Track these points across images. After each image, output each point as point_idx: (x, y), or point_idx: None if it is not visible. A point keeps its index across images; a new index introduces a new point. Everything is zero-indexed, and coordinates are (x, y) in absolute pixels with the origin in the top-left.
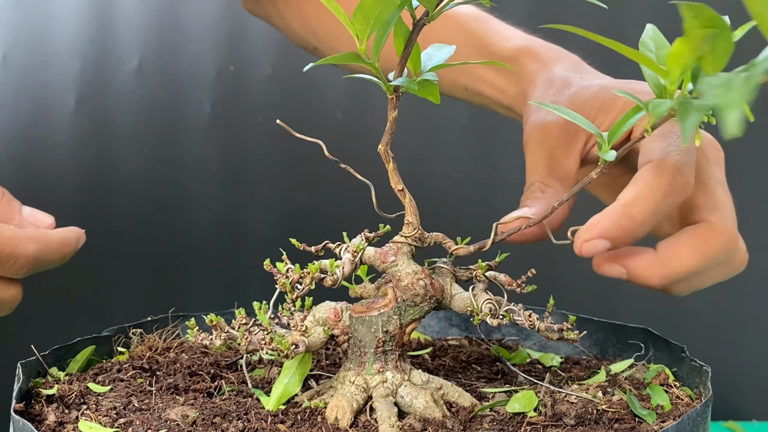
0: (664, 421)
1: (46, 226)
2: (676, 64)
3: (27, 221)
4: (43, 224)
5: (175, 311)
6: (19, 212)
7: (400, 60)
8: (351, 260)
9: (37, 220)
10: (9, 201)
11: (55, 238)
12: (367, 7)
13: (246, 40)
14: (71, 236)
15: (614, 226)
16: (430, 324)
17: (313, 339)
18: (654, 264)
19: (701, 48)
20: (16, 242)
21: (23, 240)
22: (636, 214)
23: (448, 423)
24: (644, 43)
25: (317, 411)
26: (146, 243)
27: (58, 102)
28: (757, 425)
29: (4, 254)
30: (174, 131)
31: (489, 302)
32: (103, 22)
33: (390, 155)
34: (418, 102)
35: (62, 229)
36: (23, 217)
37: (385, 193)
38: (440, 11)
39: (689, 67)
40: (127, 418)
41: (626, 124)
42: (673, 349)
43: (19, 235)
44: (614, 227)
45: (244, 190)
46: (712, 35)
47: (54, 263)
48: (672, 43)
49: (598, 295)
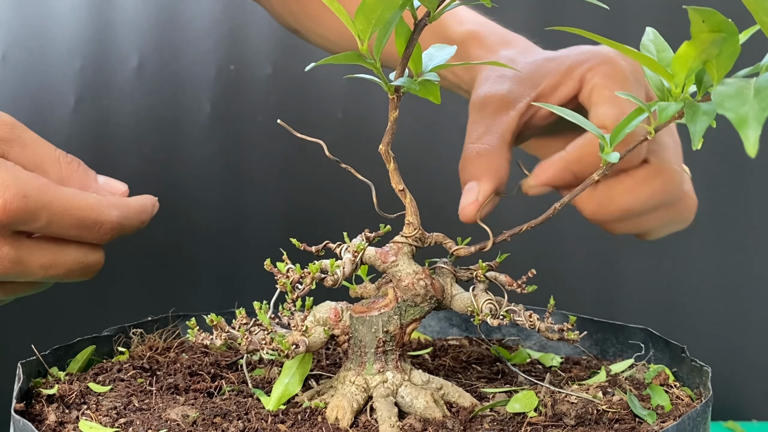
0: (664, 421)
1: (121, 192)
2: (682, 67)
3: (103, 189)
4: (118, 191)
5: (175, 311)
6: (95, 180)
7: (401, 60)
8: (351, 260)
9: (112, 188)
10: (85, 170)
11: (134, 204)
12: (369, 7)
13: (246, 40)
14: (147, 202)
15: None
16: (430, 324)
17: (313, 339)
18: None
19: (708, 52)
20: (100, 209)
21: (106, 207)
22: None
23: (448, 423)
24: (645, 46)
25: (317, 411)
26: (146, 243)
27: (58, 102)
28: (757, 425)
29: (90, 220)
30: (174, 131)
31: (489, 302)
32: (103, 22)
33: (391, 155)
34: (418, 102)
35: (139, 197)
36: (99, 185)
37: (385, 193)
38: (441, 11)
39: (694, 70)
40: (128, 417)
41: (629, 126)
42: (673, 349)
43: (102, 202)
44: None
45: (244, 190)
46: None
47: (134, 229)
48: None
49: (598, 295)
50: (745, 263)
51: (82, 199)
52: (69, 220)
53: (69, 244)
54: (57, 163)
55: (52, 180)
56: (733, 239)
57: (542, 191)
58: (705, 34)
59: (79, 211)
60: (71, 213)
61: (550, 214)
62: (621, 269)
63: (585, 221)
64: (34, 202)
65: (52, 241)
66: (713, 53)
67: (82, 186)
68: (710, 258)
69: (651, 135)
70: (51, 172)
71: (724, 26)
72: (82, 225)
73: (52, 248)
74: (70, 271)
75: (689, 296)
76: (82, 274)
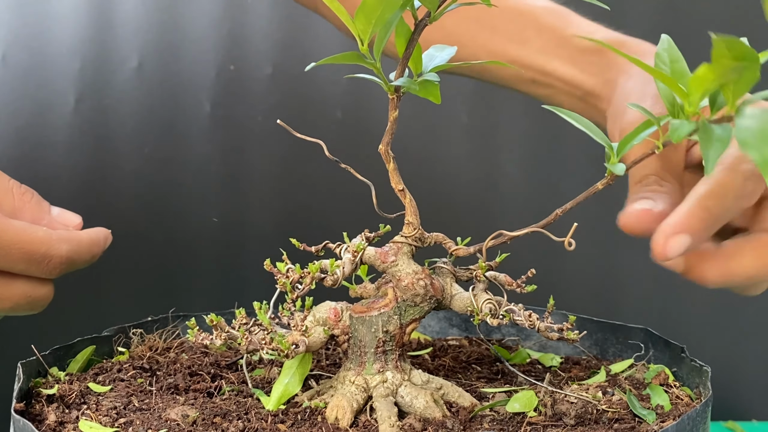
0: (663, 421)
1: (74, 225)
2: (699, 88)
3: (56, 221)
4: (72, 224)
5: (175, 311)
6: (48, 212)
7: (401, 60)
8: (351, 260)
9: (66, 220)
10: (38, 201)
11: (85, 238)
12: (369, 7)
13: (246, 40)
14: (100, 236)
15: (694, 218)
16: (430, 324)
17: (313, 339)
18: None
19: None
20: (50, 243)
21: (56, 241)
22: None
23: (448, 423)
24: (659, 55)
25: (317, 411)
26: (146, 243)
27: (58, 102)
28: (757, 425)
29: (39, 254)
30: (174, 131)
31: (489, 302)
32: (103, 22)
33: (390, 155)
34: (418, 102)
35: (91, 230)
36: (53, 217)
37: (385, 193)
38: (442, 12)
39: (710, 91)
40: (128, 417)
41: (637, 138)
42: (673, 349)
43: (52, 236)
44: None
45: (244, 190)
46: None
47: (85, 263)
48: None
49: (598, 295)
50: None
51: (32, 233)
52: (17, 254)
53: (16, 278)
54: (10, 194)
55: (4, 211)
56: None
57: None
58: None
59: (27, 245)
60: (19, 247)
61: (551, 219)
62: (621, 269)
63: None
64: None
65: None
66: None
67: (35, 218)
68: None
69: (659, 149)
70: (3, 202)
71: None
72: (31, 259)
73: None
74: (16, 305)
75: (689, 296)
76: (29, 308)
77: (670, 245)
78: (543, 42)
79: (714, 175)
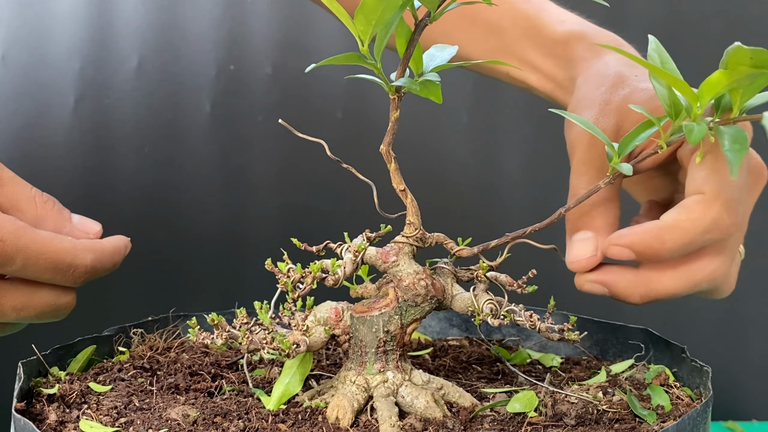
0: (664, 421)
1: (95, 233)
2: (710, 92)
3: (77, 229)
4: (92, 231)
5: (175, 311)
6: (69, 220)
7: (402, 60)
8: (352, 260)
9: (87, 228)
10: (60, 210)
11: (108, 247)
12: (369, 7)
13: (246, 40)
14: (121, 244)
15: (642, 244)
16: (430, 324)
17: (314, 339)
18: (635, 284)
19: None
20: (75, 253)
21: (81, 251)
22: (668, 241)
23: (448, 423)
24: (651, 57)
25: (318, 411)
26: (146, 242)
27: (58, 102)
28: (757, 425)
29: (65, 264)
30: (174, 131)
31: (490, 303)
32: (103, 22)
33: (392, 155)
34: (419, 102)
35: (112, 239)
36: (74, 225)
37: (386, 193)
38: (442, 11)
39: (720, 95)
40: (128, 417)
41: (638, 138)
42: (673, 349)
43: (77, 246)
44: (642, 244)
45: (244, 190)
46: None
47: (106, 271)
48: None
49: (599, 296)
50: (745, 263)
51: (58, 243)
52: (44, 263)
53: (42, 287)
54: (33, 203)
55: (28, 220)
56: None
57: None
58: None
59: (54, 255)
60: (46, 257)
61: (554, 218)
62: None
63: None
64: (10, 246)
65: (25, 283)
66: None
67: (57, 226)
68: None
69: (663, 149)
70: (26, 212)
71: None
72: (57, 269)
73: (25, 290)
74: (41, 313)
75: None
76: (53, 315)
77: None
78: (520, 32)
79: (687, 206)
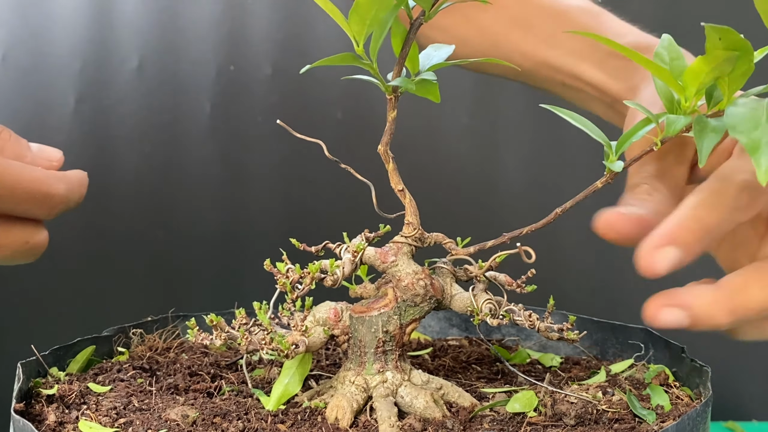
0: (664, 421)
1: (57, 159)
2: (694, 81)
3: (39, 156)
4: (54, 158)
5: (175, 311)
6: (29, 149)
7: (398, 60)
8: (351, 260)
9: (48, 155)
10: (17, 140)
11: (74, 178)
12: (363, 7)
13: (246, 40)
14: (83, 177)
15: (683, 230)
16: (430, 324)
17: (313, 339)
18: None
19: (721, 68)
20: (49, 182)
21: (54, 180)
22: (704, 218)
23: (448, 423)
24: (659, 54)
25: (317, 411)
26: (146, 242)
27: (58, 102)
28: (757, 425)
29: (41, 194)
30: (174, 131)
31: (489, 302)
32: (103, 22)
33: (390, 155)
34: (418, 102)
35: (74, 171)
36: (34, 153)
37: (385, 193)
38: (436, 10)
39: (706, 85)
40: (128, 418)
41: (636, 135)
42: (673, 349)
43: (50, 175)
44: (684, 231)
45: (244, 190)
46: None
47: (75, 204)
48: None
49: (598, 295)
50: None
51: (30, 172)
52: (20, 194)
53: (14, 223)
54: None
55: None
56: None
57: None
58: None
59: (29, 185)
60: (23, 187)
61: (550, 219)
62: (621, 269)
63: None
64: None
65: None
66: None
67: (18, 155)
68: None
69: (657, 146)
70: None
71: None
72: (33, 199)
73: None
74: (15, 252)
75: None
76: (27, 255)
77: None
78: (574, 44)
79: (707, 185)
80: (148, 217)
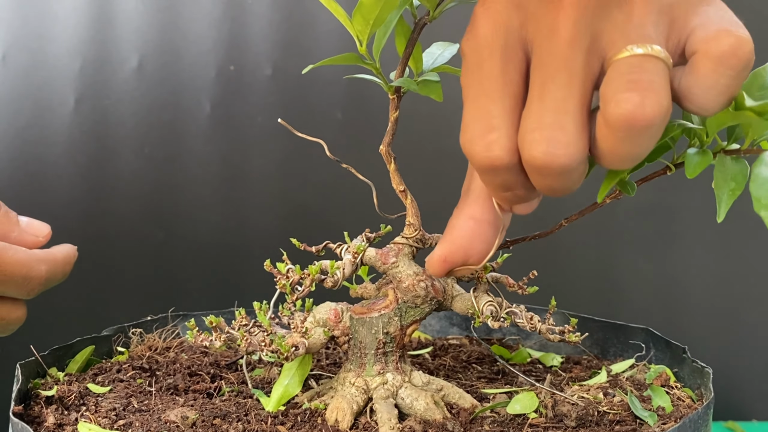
0: (665, 423)
1: (44, 235)
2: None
3: (26, 232)
4: (41, 234)
5: (174, 311)
6: (17, 224)
7: (401, 60)
8: (352, 261)
9: (35, 230)
10: (6, 213)
11: (60, 257)
12: (367, 7)
13: (246, 40)
14: (70, 253)
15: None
16: (430, 323)
17: (313, 340)
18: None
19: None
20: (30, 265)
21: (36, 262)
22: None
23: (448, 425)
24: None
25: (317, 412)
26: (146, 242)
27: (58, 102)
28: (757, 425)
29: (20, 276)
30: (174, 131)
31: (490, 304)
32: (103, 22)
33: (391, 156)
34: (419, 102)
35: (61, 247)
36: (22, 228)
37: (386, 193)
38: (441, 11)
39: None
40: (127, 419)
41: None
42: (674, 349)
43: (32, 257)
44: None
45: (244, 190)
46: None
47: (57, 282)
48: None
49: (600, 295)
50: (745, 263)
51: (13, 255)
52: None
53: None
54: None
55: None
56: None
57: None
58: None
59: (9, 267)
60: (2, 270)
61: (555, 229)
62: (621, 269)
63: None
64: None
65: None
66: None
67: (5, 230)
68: (711, 258)
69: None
70: None
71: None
72: (11, 281)
73: None
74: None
75: (690, 296)
76: (4, 329)
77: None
78: None
79: None
80: (149, 216)
